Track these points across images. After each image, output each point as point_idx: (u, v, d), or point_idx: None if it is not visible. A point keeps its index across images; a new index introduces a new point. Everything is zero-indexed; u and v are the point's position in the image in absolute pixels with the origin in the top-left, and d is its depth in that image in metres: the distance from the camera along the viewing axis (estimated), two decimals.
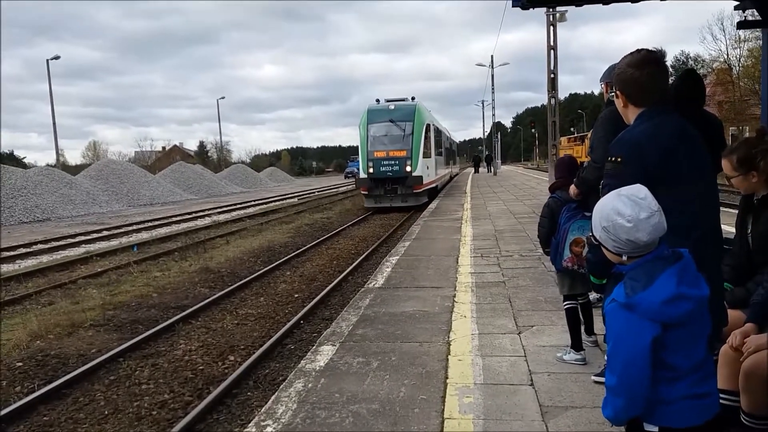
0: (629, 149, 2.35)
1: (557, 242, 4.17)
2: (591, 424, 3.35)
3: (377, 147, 21.91)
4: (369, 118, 22.64)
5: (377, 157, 21.67)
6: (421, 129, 22.13)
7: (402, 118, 22.36)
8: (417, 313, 6.01)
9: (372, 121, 22.53)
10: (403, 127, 22.11)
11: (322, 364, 4.61)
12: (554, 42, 21.37)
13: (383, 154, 21.71)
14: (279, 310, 8.18)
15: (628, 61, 2.48)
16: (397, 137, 22.04)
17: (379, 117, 22.60)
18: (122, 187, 35.66)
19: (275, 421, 3.63)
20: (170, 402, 5.11)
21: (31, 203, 26.65)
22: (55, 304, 9.11)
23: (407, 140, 21.85)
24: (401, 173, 21.43)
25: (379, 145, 21.97)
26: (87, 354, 6.49)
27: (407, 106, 23.12)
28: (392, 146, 21.90)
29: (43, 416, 4.90)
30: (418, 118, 22.30)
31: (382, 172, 21.55)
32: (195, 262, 12.42)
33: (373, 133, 22.24)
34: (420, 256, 9.50)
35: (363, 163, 22.04)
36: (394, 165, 21.50)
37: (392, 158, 21.62)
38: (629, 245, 1.82)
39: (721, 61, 41.05)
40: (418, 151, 21.75)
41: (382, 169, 21.55)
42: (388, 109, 22.83)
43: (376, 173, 21.59)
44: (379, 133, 22.27)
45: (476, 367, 4.36)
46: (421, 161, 21.76)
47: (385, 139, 22.10)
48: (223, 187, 48.29)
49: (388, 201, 21.86)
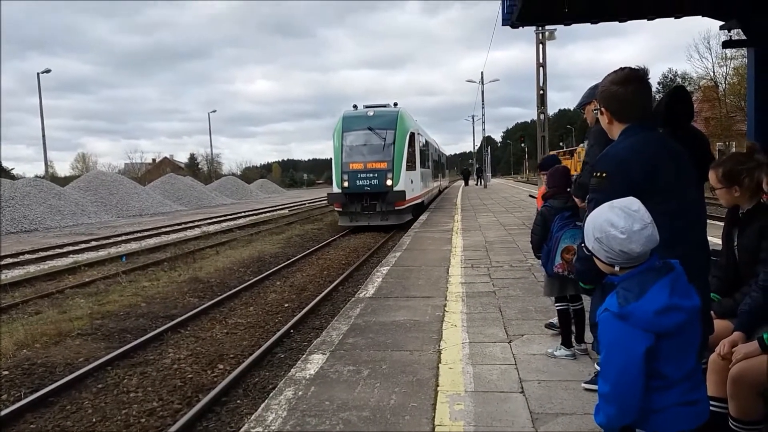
0: (614, 164, 2.39)
1: (549, 249, 4.35)
2: (581, 431, 3.36)
3: (353, 158, 19.40)
4: (344, 125, 20.10)
5: (353, 170, 19.16)
6: (404, 138, 19.63)
7: (382, 125, 19.79)
8: (408, 322, 6.02)
9: (348, 128, 20.00)
10: (384, 135, 19.58)
11: (313, 373, 4.60)
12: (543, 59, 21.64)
13: (360, 166, 19.19)
14: (269, 320, 8.15)
15: (612, 78, 2.54)
16: (377, 147, 19.50)
17: (355, 124, 20.02)
18: (111, 199, 35.45)
19: (265, 428, 3.61)
20: (159, 410, 5.06)
21: (18, 214, 26.42)
22: (42, 313, 9.02)
23: (388, 150, 19.31)
24: (381, 188, 18.85)
25: (355, 156, 19.48)
26: (74, 363, 6.43)
27: (388, 112, 20.44)
28: (371, 157, 19.32)
29: (29, 424, 4.85)
30: (400, 126, 19.76)
31: (358, 186, 19.00)
32: (184, 272, 12.36)
33: (349, 143, 19.74)
34: (411, 266, 9.51)
35: (337, 177, 19.43)
36: (373, 178, 18.97)
37: (371, 171, 19.07)
38: (622, 256, 1.85)
39: (708, 78, 41.66)
40: (401, 162, 19.21)
41: (358, 183, 19.00)
42: (366, 116, 20.22)
43: (351, 188, 19.02)
44: (355, 142, 19.78)
45: (467, 375, 4.37)
46: (404, 174, 19.20)
47: (362, 150, 19.59)
48: (214, 199, 48.13)
49: (365, 219, 19.17)
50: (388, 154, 19.22)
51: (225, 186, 57.05)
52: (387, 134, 19.55)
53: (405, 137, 19.62)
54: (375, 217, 19.04)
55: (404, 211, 19.42)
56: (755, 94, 6.22)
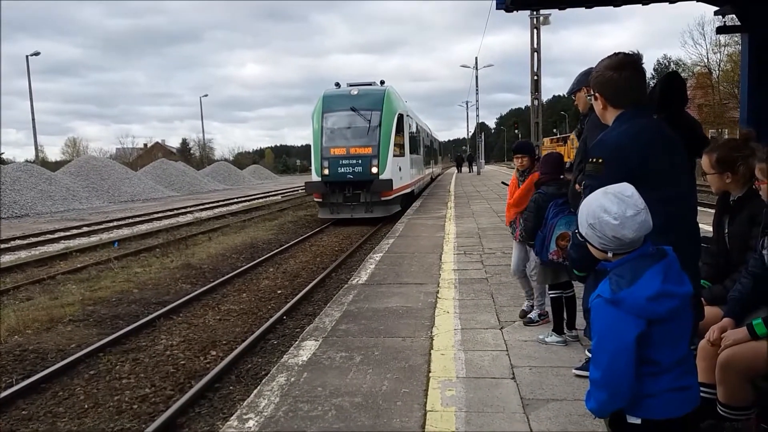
0: (610, 151, 2.39)
1: (543, 236, 4.35)
2: (572, 416, 3.39)
3: (335, 142, 17.50)
4: (325, 105, 18.12)
5: (334, 156, 17.29)
6: (391, 120, 17.67)
7: (367, 105, 17.76)
8: (400, 308, 6.03)
9: (329, 109, 18.02)
10: (369, 117, 17.55)
11: (305, 359, 4.61)
12: (537, 45, 21.60)
13: (342, 152, 17.32)
14: (261, 306, 8.15)
15: (607, 64, 2.52)
16: (361, 130, 17.55)
17: (337, 104, 18.04)
18: (103, 184, 35.23)
19: (258, 414, 3.62)
20: (151, 396, 5.07)
21: (9, 199, 26.23)
22: (33, 299, 8.99)
23: (373, 134, 17.39)
24: (365, 176, 17.02)
25: (337, 140, 17.56)
26: (66, 349, 6.42)
27: (374, 91, 18.44)
28: (354, 141, 17.42)
29: (21, 410, 4.83)
30: (387, 107, 17.76)
31: (340, 174, 17.16)
32: (176, 258, 12.32)
33: (330, 125, 17.84)
34: (404, 253, 9.52)
35: (316, 163, 17.52)
36: (357, 165, 17.13)
37: (354, 157, 17.19)
38: (615, 242, 1.84)
39: (702, 65, 41.66)
40: (388, 147, 17.33)
41: (340, 171, 17.17)
42: (349, 95, 18.21)
43: (332, 176, 17.19)
44: (337, 124, 17.85)
45: (459, 362, 4.39)
46: (392, 161, 17.37)
47: (345, 133, 17.67)
48: (206, 185, 47.93)
49: (347, 211, 17.37)
50: (374, 137, 17.36)
51: (217, 172, 56.79)
52: (372, 116, 17.58)
53: (393, 119, 17.75)
54: (359, 208, 17.33)
55: (391, 202, 17.71)
56: (749, 80, 6.21)
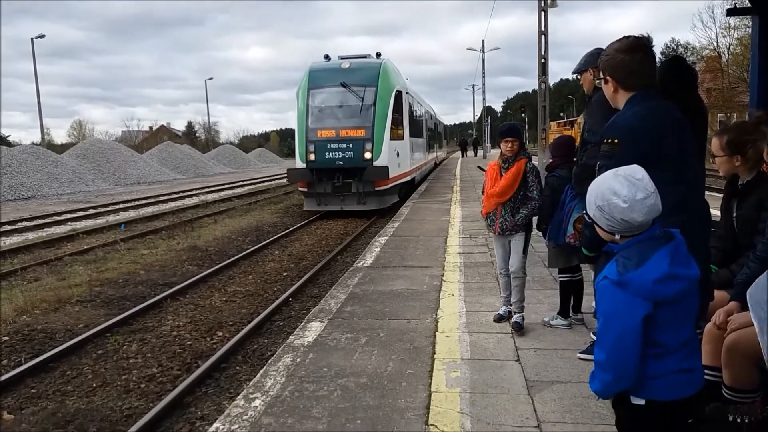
0: (625, 132, 2.40)
1: (560, 219, 4.32)
2: (576, 398, 3.41)
3: (322, 123, 15.32)
4: (311, 81, 15.83)
5: (322, 138, 15.08)
6: (388, 98, 15.37)
7: (360, 81, 15.47)
8: (405, 291, 6.05)
9: (315, 85, 15.74)
10: (362, 94, 15.28)
11: (311, 340, 4.64)
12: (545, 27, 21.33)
13: (331, 134, 15.12)
14: (267, 288, 8.19)
15: (617, 46, 2.53)
16: (353, 109, 15.33)
17: (325, 80, 15.76)
18: (109, 167, 35.29)
19: (264, 393, 3.66)
20: (158, 376, 5.12)
21: (15, 181, 26.32)
22: (41, 280, 9.06)
23: (367, 114, 15.17)
24: (357, 162, 14.85)
25: (325, 121, 15.38)
26: (74, 329, 6.47)
27: (369, 64, 16.13)
28: (345, 122, 15.25)
29: (30, 389, 4.89)
30: (383, 82, 15.45)
31: (328, 160, 14.97)
32: (183, 240, 12.37)
33: (317, 104, 15.63)
34: (409, 236, 9.53)
35: (300, 147, 15.36)
36: (347, 150, 14.94)
37: (344, 140, 15.00)
38: (623, 225, 1.83)
39: (711, 48, 41.16)
40: (384, 129, 15.10)
41: (328, 156, 14.98)
42: (339, 69, 15.88)
43: (319, 161, 15.00)
44: (325, 103, 15.63)
45: (463, 344, 4.41)
46: (388, 145, 15.12)
47: (334, 112, 15.50)
48: (211, 168, 47.95)
49: (337, 203, 15.16)
50: (368, 118, 15.14)
51: (223, 155, 56.77)
52: (366, 92, 15.31)
53: (389, 97, 15.46)
54: (350, 200, 15.09)
55: (387, 193, 15.50)
56: (759, 63, 6.15)
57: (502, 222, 4.62)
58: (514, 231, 4.61)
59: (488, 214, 4.75)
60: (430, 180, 23.50)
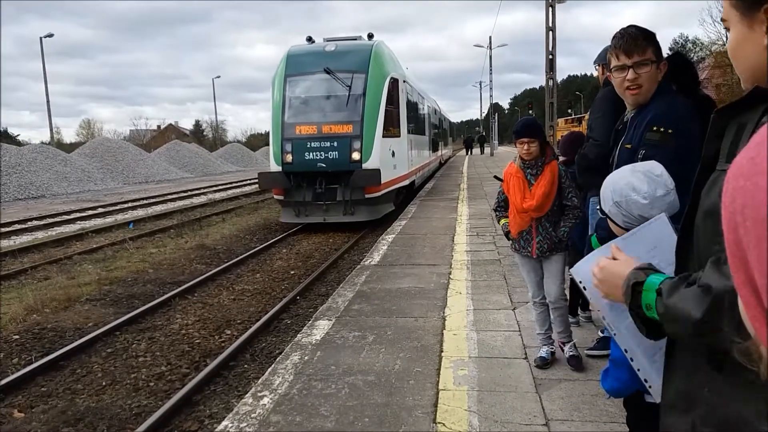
0: (679, 121, 2.36)
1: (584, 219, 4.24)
2: (584, 396, 3.40)
3: (302, 118, 12.98)
4: (289, 67, 13.46)
5: (301, 136, 12.69)
6: (380, 87, 12.92)
7: (348, 67, 13.05)
8: (413, 289, 6.06)
9: (294, 71, 13.38)
10: (349, 82, 12.86)
11: (319, 338, 4.65)
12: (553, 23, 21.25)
13: (312, 131, 12.67)
14: (275, 286, 8.21)
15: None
16: (338, 101, 12.98)
17: (306, 66, 13.34)
18: (117, 165, 35.49)
19: (272, 391, 3.67)
20: (167, 374, 5.15)
21: (25, 180, 26.52)
22: (50, 279, 9.12)
23: (356, 106, 12.75)
24: (343, 164, 12.44)
25: (305, 115, 13.03)
26: (83, 328, 6.52)
27: (358, 47, 13.67)
28: (329, 117, 12.85)
29: (41, 387, 4.93)
30: (376, 68, 13.00)
31: (308, 162, 12.57)
32: (191, 239, 12.42)
33: (296, 94, 13.35)
34: (416, 234, 9.53)
35: (275, 147, 12.90)
36: (332, 150, 12.51)
37: (328, 138, 12.55)
38: (641, 221, 1.82)
39: (720, 44, 40.87)
40: (375, 125, 12.63)
41: (309, 158, 12.56)
42: (323, 53, 13.39)
43: (298, 164, 12.63)
44: (305, 93, 13.34)
45: (471, 341, 4.41)
46: (381, 143, 12.65)
47: (316, 105, 13.14)
48: (219, 166, 48.11)
49: (319, 213, 12.65)
50: (356, 111, 12.72)
51: (230, 153, 56.93)
52: (354, 80, 12.86)
53: (382, 86, 12.99)
54: (334, 210, 12.63)
55: (380, 200, 12.97)
56: None
57: (540, 242, 3.78)
58: (553, 251, 3.81)
59: (520, 234, 3.85)
60: (437, 177, 23.47)
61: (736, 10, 1.01)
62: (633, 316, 1.22)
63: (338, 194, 12.59)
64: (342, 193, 12.55)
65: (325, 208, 12.63)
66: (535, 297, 3.96)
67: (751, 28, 0.98)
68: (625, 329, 1.55)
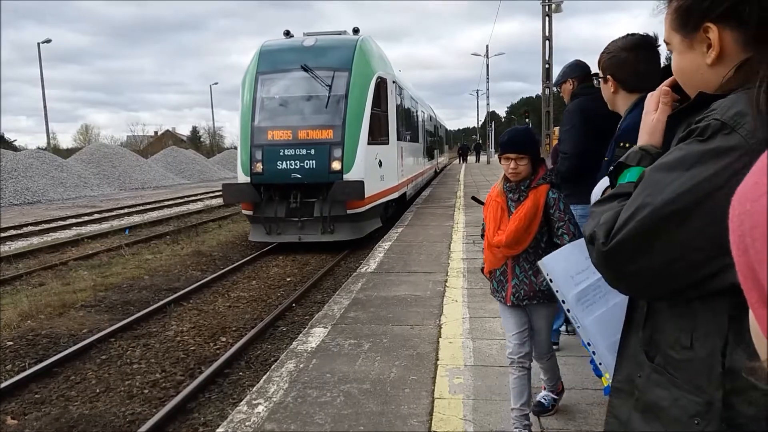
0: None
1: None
2: (579, 405, 3.40)
3: (274, 121, 11.37)
4: (261, 64, 11.84)
5: (273, 142, 11.05)
6: (365, 87, 11.31)
7: (328, 64, 11.46)
8: (409, 297, 6.05)
9: (267, 68, 11.76)
10: (329, 81, 11.27)
11: (314, 346, 4.64)
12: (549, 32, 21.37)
13: (286, 136, 11.04)
14: (271, 294, 8.19)
15: (621, 44, 2.40)
16: (317, 103, 11.35)
17: (281, 62, 11.74)
18: (114, 171, 35.43)
19: (267, 399, 3.66)
20: (162, 381, 5.12)
21: (21, 186, 26.45)
22: (45, 285, 9.09)
23: (337, 109, 11.14)
24: (322, 175, 10.81)
25: (279, 118, 11.42)
26: (78, 334, 6.49)
27: (340, 43, 12.07)
28: (306, 120, 11.23)
29: (34, 394, 4.90)
30: (360, 66, 11.40)
31: (281, 172, 10.92)
32: (187, 245, 12.40)
33: (268, 94, 11.70)
34: (412, 242, 9.54)
35: (244, 155, 11.31)
36: (308, 158, 10.87)
37: (304, 144, 10.90)
38: None
39: None
40: (359, 129, 10.98)
41: (282, 167, 10.91)
42: (300, 48, 11.80)
43: (269, 174, 11.00)
44: (280, 93, 11.71)
45: (467, 350, 4.41)
46: (365, 151, 11.03)
47: (291, 107, 11.51)
48: (216, 173, 48.07)
49: (293, 231, 11.08)
50: (337, 114, 11.11)
51: (227, 160, 56.85)
52: (336, 79, 11.28)
53: (368, 86, 11.37)
54: (311, 227, 11.03)
55: (364, 216, 11.29)
56: None
57: (516, 286, 2.93)
58: (536, 298, 2.92)
59: (492, 273, 3.05)
60: (433, 185, 23.50)
61: (676, 32, 1.09)
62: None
63: (315, 209, 10.99)
64: (320, 209, 10.94)
65: (301, 225, 11.03)
66: (514, 354, 2.99)
67: (692, 48, 1.06)
68: (589, 323, 1.54)
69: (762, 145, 0.87)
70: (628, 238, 1.01)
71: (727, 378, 0.96)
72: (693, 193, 0.95)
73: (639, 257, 1.01)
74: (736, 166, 0.90)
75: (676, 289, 1.01)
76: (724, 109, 0.96)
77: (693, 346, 1.01)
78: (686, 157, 0.97)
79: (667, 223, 0.97)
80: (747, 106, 0.94)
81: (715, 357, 0.98)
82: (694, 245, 0.96)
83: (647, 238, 0.99)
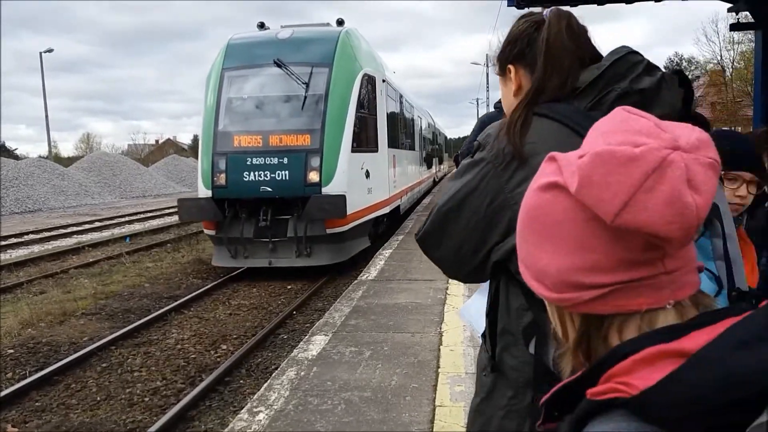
0: None
1: None
2: None
3: (241, 126, 9.75)
4: (228, 59, 10.23)
5: (239, 150, 9.44)
6: (348, 85, 9.68)
7: (305, 59, 9.84)
8: (409, 304, 6.05)
9: (234, 64, 10.15)
10: (306, 78, 9.61)
11: (315, 353, 4.64)
12: None
13: (255, 142, 9.44)
14: (272, 301, 8.20)
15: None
16: (292, 104, 9.73)
17: (250, 57, 10.19)
18: (115, 179, 35.49)
19: (268, 407, 3.66)
20: (162, 389, 5.12)
21: (22, 194, 26.49)
22: (46, 293, 9.09)
23: (315, 110, 9.52)
24: (297, 188, 9.21)
25: (246, 122, 9.81)
26: (79, 342, 6.49)
27: (321, 35, 10.43)
28: (278, 125, 9.61)
29: (35, 402, 4.90)
30: (343, 62, 9.79)
31: (249, 185, 9.28)
32: (188, 253, 12.41)
33: (235, 94, 10.03)
34: (413, 249, 9.53)
35: (205, 164, 9.61)
36: (281, 168, 9.24)
37: (276, 152, 9.30)
38: None
39: (715, 62, 41.29)
40: (341, 134, 9.38)
41: (249, 179, 9.27)
42: (274, 41, 10.24)
43: (234, 188, 9.37)
44: (248, 92, 10.05)
45: (468, 357, 4.41)
46: (348, 160, 9.39)
47: (261, 108, 9.85)
48: None
49: (264, 254, 9.40)
50: (315, 117, 9.48)
51: None
52: (314, 77, 9.65)
53: (352, 84, 9.73)
54: (284, 249, 9.36)
55: (348, 236, 9.60)
56: (762, 77, 6.19)
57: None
58: None
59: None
60: (434, 193, 23.52)
61: (497, 74, 1.46)
62: None
63: (289, 229, 9.26)
64: (294, 228, 9.21)
65: (272, 247, 9.31)
66: None
67: (505, 84, 1.43)
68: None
69: (496, 157, 1.25)
70: (426, 232, 1.42)
71: (501, 338, 1.33)
72: (461, 193, 1.30)
73: (436, 246, 1.41)
74: (483, 172, 1.27)
75: (472, 270, 1.36)
76: (485, 132, 1.33)
77: (488, 315, 1.38)
78: (461, 169, 1.34)
79: (447, 218, 1.34)
80: (496, 130, 1.29)
81: (494, 322, 1.35)
82: (467, 234, 1.31)
83: (436, 231, 1.39)
